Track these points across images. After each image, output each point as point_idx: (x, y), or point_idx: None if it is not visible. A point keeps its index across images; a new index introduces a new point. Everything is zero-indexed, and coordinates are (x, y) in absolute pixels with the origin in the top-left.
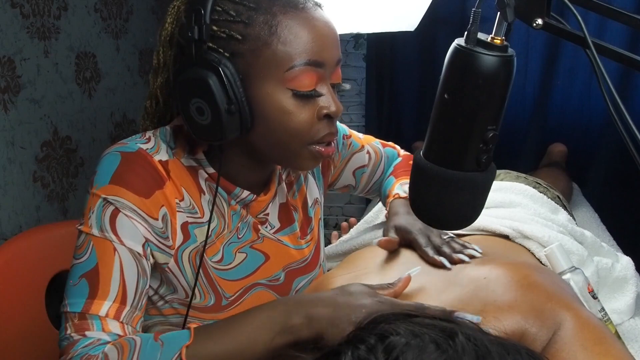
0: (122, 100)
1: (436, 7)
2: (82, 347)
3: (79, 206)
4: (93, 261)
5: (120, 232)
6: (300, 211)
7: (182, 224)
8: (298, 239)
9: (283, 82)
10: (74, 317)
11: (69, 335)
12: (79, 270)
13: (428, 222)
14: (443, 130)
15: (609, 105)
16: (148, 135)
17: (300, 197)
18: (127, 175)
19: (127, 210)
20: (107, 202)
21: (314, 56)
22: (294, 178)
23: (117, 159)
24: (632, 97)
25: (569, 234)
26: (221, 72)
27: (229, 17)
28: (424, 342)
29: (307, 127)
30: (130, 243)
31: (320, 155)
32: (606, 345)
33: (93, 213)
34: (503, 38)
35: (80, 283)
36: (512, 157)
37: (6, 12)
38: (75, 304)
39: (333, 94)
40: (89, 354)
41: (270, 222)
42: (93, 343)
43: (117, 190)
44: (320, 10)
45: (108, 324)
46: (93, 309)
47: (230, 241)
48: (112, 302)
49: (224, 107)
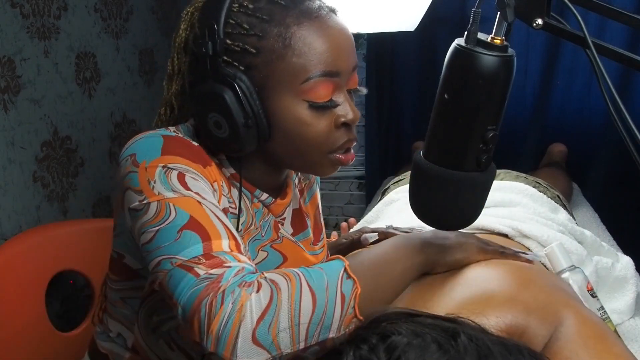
0: (122, 100)
1: (436, 7)
2: (233, 277)
3: (79, 206)
4: (184, 215)
5: (195, 189)
6: (311, 217)
7: (224, 209)
8: (311, 245)
9: (299, 94)
10: (198, 261)
11: (206, 275)
12: (172, 228)
13: (428, 222)
14: (443, 131)
15: (609, 105)
16: (172, 129)
17: (311, 205)
18: (177, 149)
19: (191, 174)
20: (167, 169)
21: (329, 67)
22: (305, 185)
23: (159, 139)
24: (632, 97)
25: (569, 233)
26: (237, 87)
27: (242, 30)
28: (426, 341)
29: (325, 136)
30: (209, 197)
31: (340, 163)
32: (608, 342)
33: (155, 182)
34: (503, 38)
35: (182, 235)
36: (512, 157)
37: (6, 12)
38: (192, 250)
39: (350, 101)
40: (245, 281)
41: (286, 226)
42: (241, 271)
43: (174, 159)
44: (334, 16)
45: (240, 257)
46: (215, 248)
47: (255, 238)
48: (228, 239)
49: (241, 121)
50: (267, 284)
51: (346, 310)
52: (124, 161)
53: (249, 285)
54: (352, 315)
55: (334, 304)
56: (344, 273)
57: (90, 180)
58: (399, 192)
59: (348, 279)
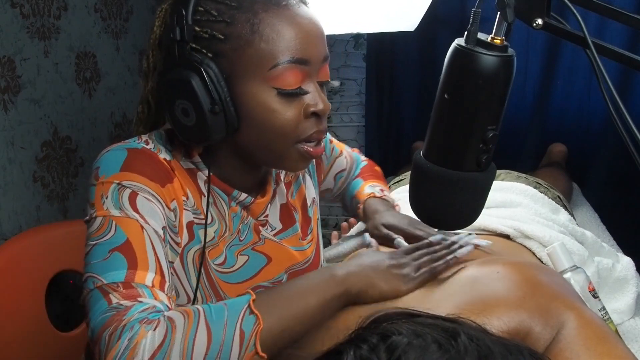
0: (122, 100)
1: (436, 7)
2: (139, 312)
3: (79, 206)
4: (121, 236)
5: (142, 211)
6: (299, 211)
7: (188, 223)
8: (300, 240)
9: (267, 81)
10: (117, 287)
11: (117, 305)
12: (106, 246)
13: (428, 222)
14: (443, 131)
15: (609, 105)
16: (145, 138)
17: (299, 197)
18: (138, 164)
19: (145, 193)
20: (122, 186)
21: (298, 54)
22: (292, 178)
23: (123, 152)
24: (632, 97)
25: (570, 234)
26: (204, 72)
27: (210, 16)
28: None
29: (293, 125)
30: (153, 223)
31: (309, 155)
32: (609, 344)
33: (107, 198)
34: (503, 38)
35: (112, 256)
36: (512, 157)
37: (6, 12)
38: (115, 274)
39: (320, 92)
40: (148, 319)
41: (271, 223)
42: (149, 309)
43: (130, 176)
44: (304, 6)
45: (158, 295)
46: (137, 279)
47: (232, 243)
48: (154, 274)
49: (208, 107)
50: (165, 322)
51: (246, 348)
52: (92, 173)
53: (149, 323)
54: (254, 352)
55: (231, 341)
56: (247, 309)
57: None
58: (399, 192)
59: (250, 315)
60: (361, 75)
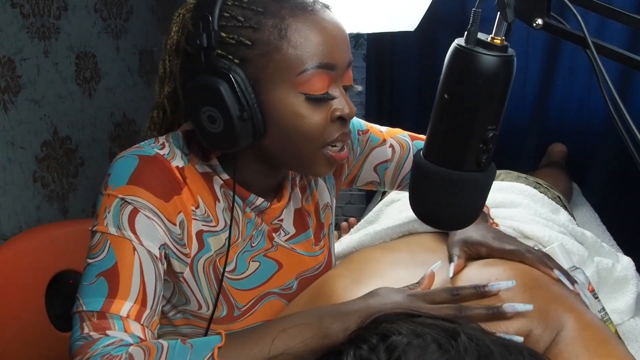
0: (122, 100)
1: (436, 7)
2: (103, 347)
3: (79, 206)
4: (111, 260)
5: (139, 231)
6: (313, 216)
7: (197, 232)
8: (312, 245)
9: (295, 86)
10: (91, 316)
11: (87, 335)
12: (95, 270)
13: (428, 222)
14: (443, 131)
15: (609, 105)
16: (162, 141)
17: (312, 202)
18: (145, 177)
19: (147, 211)
20: (125, 202)
21: (325, 59)
22: (306, 182)
23: (134, 161)
24: (632, 97)
25: (570, 234)
26: (232, 79)
27: (237, 22)
28: (426, 341)
29: (321, 129)
30: (149, 244)
31: (334, 160)
32: (609, 346)
33: (109, 212)
34: (503, 38)
35: (97, 282)
36: (512, 157)
37: (6, 12)
38: (93, 302)
39: (346, 96)
40: (110, 354)
41: (285, 228)
42: (115, 343)
43: (135, 191)
44: (329, 11)
45: (130, 325)
46: (113, 309)
47: (244, 250)
48: (133, 303)
49: (236, 114)
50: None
51: None
52: (104, 178)
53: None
54: None
55: None
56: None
57: (90, 180)
58: (399, 192)
59: None
60: (361, 75)
